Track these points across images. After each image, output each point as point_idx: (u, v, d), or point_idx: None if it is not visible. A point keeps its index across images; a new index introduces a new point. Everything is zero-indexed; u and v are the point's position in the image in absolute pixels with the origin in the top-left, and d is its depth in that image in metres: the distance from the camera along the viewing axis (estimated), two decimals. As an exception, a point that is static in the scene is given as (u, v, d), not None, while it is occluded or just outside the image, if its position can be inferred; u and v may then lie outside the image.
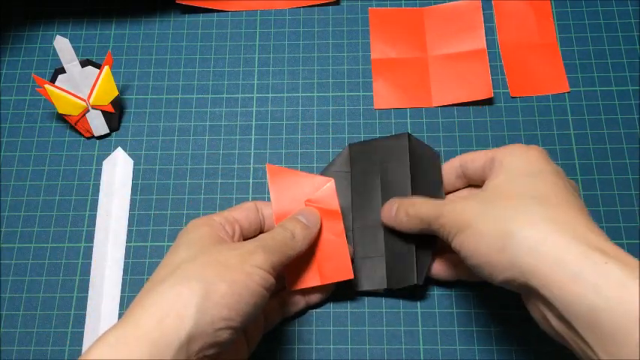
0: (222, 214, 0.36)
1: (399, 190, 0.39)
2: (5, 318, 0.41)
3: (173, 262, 0.31)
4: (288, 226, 0.36)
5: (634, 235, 0.42)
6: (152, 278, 0.31)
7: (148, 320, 0.27)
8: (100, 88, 0.45)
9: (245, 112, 0.46)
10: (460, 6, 0.48)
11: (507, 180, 0.31)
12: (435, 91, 0.46)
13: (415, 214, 0.35)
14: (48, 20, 0.50)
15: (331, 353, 0.39)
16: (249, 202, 0.38)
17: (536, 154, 0.32)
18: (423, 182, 0.39)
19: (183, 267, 0.30)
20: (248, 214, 0.37)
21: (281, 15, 0.49)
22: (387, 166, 0.40)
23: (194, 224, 0.34)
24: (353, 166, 0.41)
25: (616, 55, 0.47)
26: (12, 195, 0.44)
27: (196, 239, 0.33)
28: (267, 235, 0.34)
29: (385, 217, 0.38)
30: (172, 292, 0.28)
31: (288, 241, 0.34)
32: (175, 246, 0.33)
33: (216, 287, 0.29)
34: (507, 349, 0.39)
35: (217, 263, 0.30)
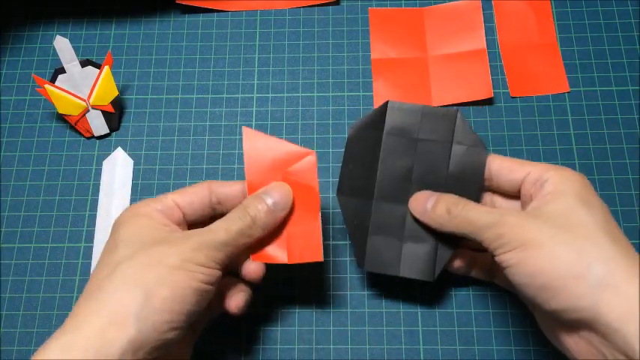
0: (163, 199, 0.34)
1: (433, 172, 0.36)
2: (5, 318, 0.41)
3: (111, 261, 0.30)
4: (251, 210, 0.33)
5: (634, 235, 0.42)
6: (94, 276, 0.30)
7: (90, 329, 0.27)
8: (100, 88, 0.45)
9: (245, 112, 0.46)
10: (460, 6, 0.48)
11: (573, 206, 0.30)
12: (435, 91, 0.46)
13: (461, 214, 0.33)
14: (48, 20, 0.50)
15: (331, 353, 0.39)
16: (200, 184, 0.35)
17: (588, 184, 0.32)
18: (461, 173, 0.36)
19: (122, 269, 0.29)
20: (193, 200, 0.34)
21: (281, 15, 0.49)
22: (426, 142, 0.37)
23: (131, 214, 0.33)
24: (387, 127, 0.37)
25: (616, 55, 0.47)
26: (12, 195, 0.44)
27: (135, 234, 0.31)
28: (222, 225, 0.32)
29: (417, 208, 0.36)
30: (112, 298, 0.28)
31: (245, 230, 0.33)
32: (113, 241, 0.31)
33: (157, 292, 0.28)
34: (507, 350, 0.39)
35: (158, 264, 0.29)
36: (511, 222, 0.30)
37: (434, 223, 0.35)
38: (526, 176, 0.33)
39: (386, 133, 0.37)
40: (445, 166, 0.36)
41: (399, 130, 0.37)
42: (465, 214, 0.33)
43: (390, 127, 0.37)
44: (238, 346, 0.40)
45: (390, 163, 0.37)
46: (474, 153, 0.36)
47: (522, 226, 0.30)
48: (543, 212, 0.31)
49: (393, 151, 0.37)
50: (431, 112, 0.37)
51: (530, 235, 0.29)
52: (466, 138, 0.36)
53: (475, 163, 0.36)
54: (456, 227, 0.33)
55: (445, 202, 0.34)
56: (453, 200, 0.34)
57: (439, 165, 0.36)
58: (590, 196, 0.31)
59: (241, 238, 0.33)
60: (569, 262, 0.28)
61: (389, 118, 0.37)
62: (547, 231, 0.29)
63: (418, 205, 0.36)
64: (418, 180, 0.37)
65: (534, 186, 0.33)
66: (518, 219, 0.30)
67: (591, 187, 0.32)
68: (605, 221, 0.30)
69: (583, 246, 0.28)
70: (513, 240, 0.30)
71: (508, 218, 0.31)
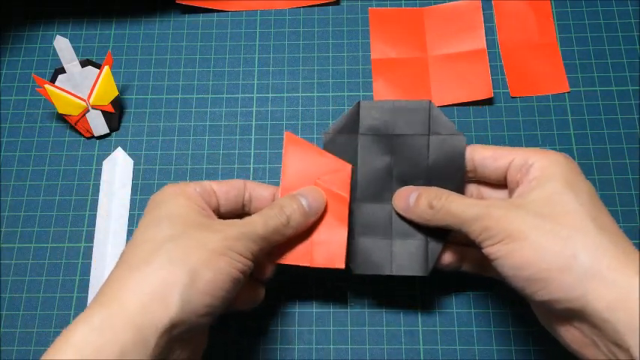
0: (201, 183, 0.34)
1: (414, 166, 0.36)
2: (5, 318, 0.41)
3: (155, 238, 0.30)
4: (287, 209, 0.34)
5: (634, 235, 0.42)
6: (135, 248, 0.30)
7: (132, 304, 0.27)
8: (100, 88, 0.45)
9: (245, 112, 0.46)
10: (460, 6, 0.48)
11: (558, 192, 0.30)
12: (435, 91, 0.46)
13: (444, 207, 0.32)
14: (48, 20, 0.50)
15: (331, 353, 0.39)
16: (237, 181, 0.36)
17: (575, 166, 0.31)
18: (442, 165, 0.35)
19: (167, 248, 0.29)
20: (229, 191, 0.35)
21: (281, 15, 0.49)
22: (402, 136, 0.36)
23: (171, 192, 0.33)
24: (362, 128, 0.37)
25: (616, 55, 0.47)
26: (12, 195, 0.44)
27: (178, 214, 0.31)
28: (260, 220, 0.33)
29: (400, 204, 0.35)
30: (157, 276, 0.28)
31: (280, 228, 0.33)
32: (155, 217, 0.32)
33: (201, 275, 0.29)
34: (507, 350, 0.39)
35: (201, 247, 0.30)
36: (496, 214, 0.30)
37: (418, 218, 0.34)
38: (511, 162, 0.33)
39: (361, 134, 0.37)
40: (425, 159, 0.36)
41: (374, 129, 0.37)
42: (447, 208, 0.32)
43: (364, 127, 0.37)
44: (238, 346, 0.40)
45: (368, 163, 0.37)
46: (452, 141, 0.35)
47: (507, 217, 0.30)
48: (528, 200, 0.30)
49: (371, 151, 0.37)
50: (403, 107, 0.36)
51: (515, 227, 0.29)
52: (442, 127, 0.36)
53: (455, 151, 0.35)
54: (441, 221, 0.33)
55: (427, 196, 0.34)
56: (435, 194, 0.33)
57: (419, 158, 0.36)
58: (576, 180, 0.30)
59: (275, 234, 0.33)
60: (554, 253, 0.28)
61: (362, 119, 0.37)
62: (531, 221, 0.29)
63: (401, 202, 0.35)
64: (399, 176, 0.36)
65: (520, 172, 0.32)
66: (502, 210, 0.30)
67: (578, 169, 0.31)
68: (592, 207, 0.29)
69: (568, 235, 0.28)
70: (499, 232, 0.30)
71: (492, 210, 0.30)
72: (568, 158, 0.32)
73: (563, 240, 0.28)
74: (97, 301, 0.28)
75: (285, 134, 0.37)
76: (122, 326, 0.26)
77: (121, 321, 0.27)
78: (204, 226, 0.31)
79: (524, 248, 0.29)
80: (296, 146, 0.37)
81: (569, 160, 0.32)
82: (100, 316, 0.27)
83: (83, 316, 0.27)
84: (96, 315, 0.27)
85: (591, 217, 0.29)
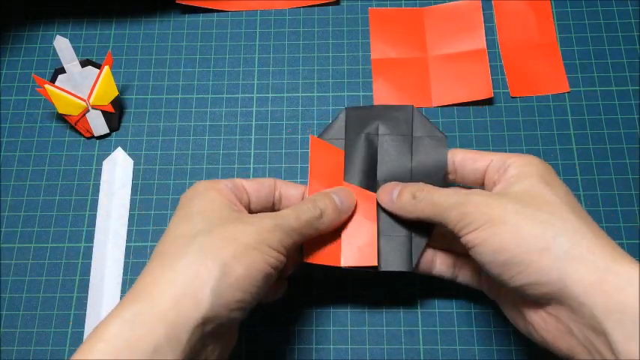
0: (233, 180, 0.35)
1: (397, 167, 0.37)
2: (5, 318, 0.41)
3: (188, 232, 0.30)
4: (320, 203, 0.34)
5: (634, 235, 0.42)
6: (167, 243, 0.30)
7: (164, 299, 0.27)
8: (100, 88, 0.45)
9: (245, 112, 0.46)
10: (460, 6, 0.48)
11: (536, 186, 0.30)
12: (435, 91, 0.46)
13: (426, 198, 0.33)
14: (48, 20, 0.50)
15: (331, 353, 0.39)
16: (267, 179, 0.36)
17: (550, 168, 0.32)
18: (424, 165, 0.37)
19: (199, 241, 0.29)
20: (260, 189, 0.35)
21: (281, 15, 0.49)
22: (386, 139, 0.38)
23: (203, 187, 0.33)
24: (347, 133, 0.38)
25: (616, 55, 0.47)
26: (12, 195, 0.44)
27: (210, 209, 0.31)
28: (292, 213, 0.33)
29: (384, 198, 0.36)
30: (189, 271, 0.28)
31: (313, 222, 0.33)
32: (187, 213, 0.31)
33: (233, 269, 0.28)
34: (507, 350, 0.39)
35: (234, 241, 0.29)
36: (475, 200, 0.30)
37: (400, 210, 0.35)
38: (489, 164, 0.34)
39: (347, 137, 0.38)
40: (408, 160, 0.37)
41: (358, 134, 0.38)
42: (429, 198, 0.33)
43: (350, 131, 0.38)
44: (238, 347, 0.40)
45: (354, 165, 0.37)
46: (434, 143, 0.37)
47: (487, 203, 0.30)
48: (508, 192, 0.31)
49: (356, 154, 0.38)
50: (387, 110, 0.38)
51: (495, 212, 0.29)
52: (425, 130, 0.37)
53: (437, 152, 0.37)
54: (422, 212, 0.33)
55: (410, 189, 0.34)
56: (418, 187, 0.34)
57: (402, 160, 0.37)
58: (552, 178, 0.31)
59: (308, 228, 0.33)
60: (534, 235, 0.28)
61: (348, 124, 0.38)
62: (511, 207, 0.29)
63: (385, 196, 0.36)
64: (384, 177, 0.37)
65: (497, 172, 0.33)
66: (482, 197, 0.31)
67: (553, 171, 0.32)
68: (569, 200, 0.30)
69: (548, 220, 0.28)
70: (478, 218, 0.30)
71: (472, 197, 0.31)
72: (543, 161, 0.33)
73: (542, 223, 0.28)
74: (130, 295, 0.28)
75: (310, 137, 0.38)
76: (154, 321, 0.26)
77: (154, 316, 0.26)
78: (237, 219, 0.31)
79: (503, 232, 0.29)
80: (320, 148, 0.38)
81: (544, 162, 0.33)
82: (132, 310, 0.26)
83: (116, 311, 0.27)
84: (128, 309, 0.27)
85: (570, 207, 0.29)
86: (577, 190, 0.43)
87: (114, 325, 0.26)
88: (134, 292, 0.28)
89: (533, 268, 0.28)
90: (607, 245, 0.28)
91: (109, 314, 0.27)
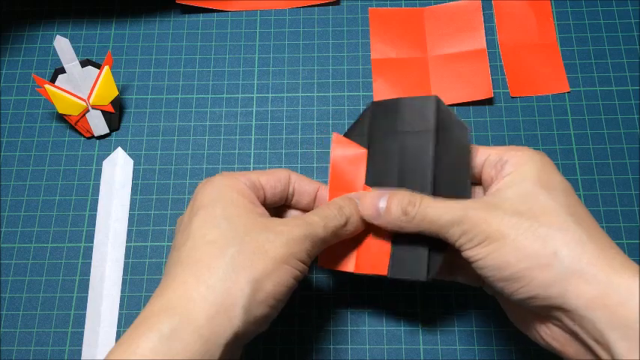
0: (249, 176, 0.33)
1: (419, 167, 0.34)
2: (5, 318, 0.41)
3: (218, 241, 0.29)
4: (346, 210, 0.33)
5: (634, 235, 0.42)
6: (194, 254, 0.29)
7: (199, 315, 0.27)
8: (100, 88, 0.45)
9: (245, 112, 0.46)
10: (460, 6, 0.48)
11: (533, 190, 0.30)
12: (435, 91, 0.46)
13: (419, 214, 0.31)
14: (48, 20, 0.50)
15: (331, 353, 0.39)
16: (281, 171, 0.35)
17: (549, 163, 0.31)
18: (448, 160, 0.34)
19: (231, 254, 0.28)
20: (276, 185, 0.34)
21: (281, 15, 0.49)
22: (409, 135, 0.35)
23: (222, 186, 0.32)
24: (371, 129, 0.36)
25: (616, 55, 0.47)
26: (12, 195, 0.44)
27: (236, 214, 0.30)
28: (321, 221, 0.32)
29: (367, 211, 0.33)
30: (222, 287, 0.28)
31: (339, 229, 0.32)
32: (212, 217, 0.30)
33: (263, 286, 0.28)
34: (507, 350, 0.39)
35: (265, 255, 0.29)
36: (473, 217, 0.29)
37: (391, 225, 0.32)
38: (487, 159, 0.33)
39: (368, 134, 0.36)
40: (431, 155, 0.34)
41: (381, 131, 0.36)
42: (423, 214, 0.31)
43: (373, 128, 0.36)
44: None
45: (377, 166, 0.36)
46: (457, 136, 0.34)
47: (485, 219, 0.29)
48: (504, 198, 0.30)
49: (379, 153, 0.36)
50: (410, 103, 0.35)
51: (494, 229, 0.29)
52: (447, 122, 0.35)
53: (460, 145, 0.34)
54: (417, 227, 0.31)
55: (399, 202, 0.32)
56: (408, 199, 0.32)
57: (425, 154, 0.34)
58: (551, 177, 0.30)
59: (334, 236, 0.32)
60: (534, 251, 0.28)
61: (372, 120, 0.36)
62: (508, 221, 0.29)
63: (369, 209, 0.33)
64: (405, 173, 0.35)
65: (495, 168, 0.32)
66: (480, 213, 0.30)
67: (552, 165, 0.31)
68: (568, 203, 0.29)
69: (547, 233, 0.28)
70: (478, 235, 0.29)
71: (470, 213, 0.30)
72: (542, 155, 0.32)
73: (542, 238, 0.28)
74: (163, 305, 0.27)
75: (333, 135, 0.36)
76: (191, 338, 0.26)
77: (190, 333, 0.26)
78: (265, 227, 0.30)
79: (503, 248, 0.28)
80: (343, 146, 0.36)
81: (543, 156, 0.31)
82: (168, 325, 0.26)
83: (150, 324, 0.26)
84: (164, 323, 0.26)
85: (569, 213, 0.29)
86: (577, 190, 0.43)
87: (151, 341, 0.26)
88: (167, 303, 0.27)
89: (534, 284, 0.28)
90: (608, 254, 0.27)
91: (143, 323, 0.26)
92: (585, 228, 0.28)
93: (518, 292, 0.28)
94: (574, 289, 0.27)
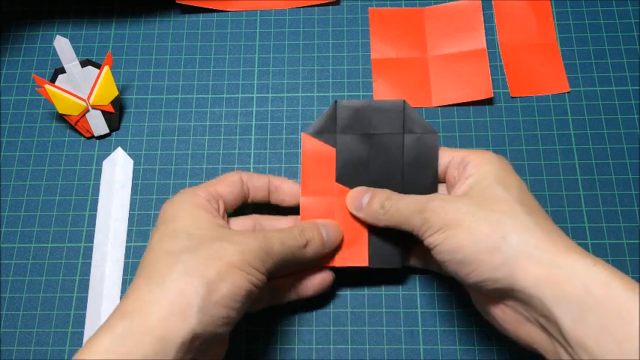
0: (207, 188, 0.35)
1: (388, 165, 0.38)
2: (5, 318, 0.41)
3: (172, 250, 0.31)
4: (307, 233, 0.35)
5: (634, 235, 0.42)
6: (152, 260, 0.31)
7: (153, 316, 0.28)
8: (100, 88, 0.45)
9: (245, 112, 0.46)
10: (460, 6, 0.48)
11: (491, 185, 0.32)
12: (435, 91, 0.46)
13: (393, 207, 0.35)
14: (48, 20, 0.50)
15: (331, 353, 0.39)
16: (233, 175, 0.37)
17: (506, 165, 0.34)
18: (416, 163, 0.37)
19: (184, 260, 0.30)
20: (233, 189, 0.36)
21: (281, 15, 0.49)
22: (378, 137, 0.38)
23: (184, 203, 0.34)
24: (339, 129, 0.38)
25: (616, 55, 0.47)
26: (12, 195, 0.44)
27: (195, 226, 0.32)
28: (278, 237, 0.34)
29: (352, 204, 0.37)
30: (175, 288, 0.29)
31: (296, 250, 0.34)
32: (171, 230, 0.32)
33: (217, 287, 0.29)
34: (507, 349, 0.39)
35: (219, 260, 0.30)
36: (434, 206, 0.32)
37: (370, 218, 0.36)
38: (450, 161, 0.36)
39: (338, 134, 0.38)
40: (400, 156, 0.38)
41: (350, 129, 0.38)
42: (396, 207, 0.34)
43: (341, 127, 0.38)
44: (239, 347, 0.40)
45: (346, 161, 0.38)
46: (425, 139, 0.37)
47: (444, 207, 0.32)
48: (465, 193, 0.33)
49: (348, 149, 0.38)
50: (379, 106, 0.38)
51: (451, 216, 0.31)
52: (416, 126, 0.38)
53: (428, 148, 0.37)
54: (389, 220, 0.35)
55: (379, 198, 0.35)
56: (386, 195, 0.35)
57: (394, 156, 0.38)
58: (507, 175, 0.33)
59: (291, 255, 0.34)
60: (485, 235, 0.30)
61: (339, 119, 0.38)
62: (466, 209, 0.31)
63: (354, 202, 0.37)
64: (376, 173, 0.38)
65: (457, 169, 0.35)
66: (440, 202, 0.32)
67: (510, 166, 0.34)
68: (521, 196, 0.32)
69: (499, 219, 0.30)
70: (437, 222, 0.32)
71: (432, 203, 0.33)
72: (500, 157, 0.34)
73: (493, 224, 0.30)
74: (119, 311, 0.29)
75: (302, 135, 0.38)
76: (144, 337, 0.27)
77: (143, 332, 0.27)
78: (222, 237, 0.32)
79: (459, 234, 0.31)
80: (312, 146, 0.38)
81: (501, 159, 0.34)
82: (122, 325, 0.27)
83: (106, 326, 0.28)
84: (118, 325, 0.28)
85: (520, 203, 0.31)
86: (577, 190, 0.43)
87: (105, 340, 0.27)
88: (123, 309, 0.29)
89: (484, 267, 0.30)
90: (555, 239, 0.29)
91: (100, 329, 0.28)
92: (534, 217, 0.30)
93: (470, 276, 0.31)
94: (522, 271, 0.29)
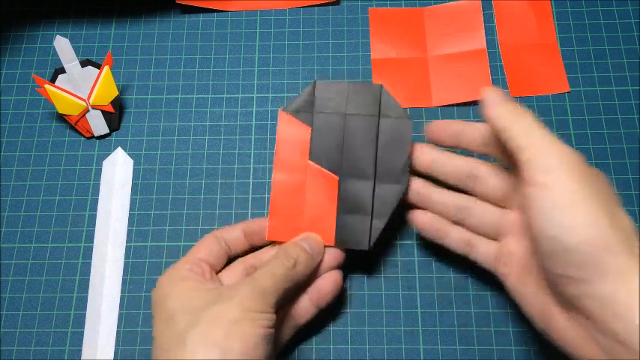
0: (186, 259, 0.35)
1: (363, 148, 0.38)
2: (5, 318, 0.41)
3: (175, 333, 0.30)
4: (292, 253, 0.35)
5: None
6: (162, 350, 0.31)
7: None
8: (100, 88, 0.45)
9: (245, 112, 0.46)
10: (460, 6, 0.48)
11: (577, 175, 0.29)
12: (435, 91, 0.46)
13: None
14: (48, 20, 0.50)
15: (331, 353, 0.39)
16: (207, 237, 0.37)
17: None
18: (389, 147, 0.38)
19: (190, 338, 0.30)
20: (211, 250, 0.36)
21: (281, 15, 0.49)
22: (353, 118, 0.38)
23: (171, 283, 0.34)
24: (316, 109, 0.39)
25: (616, 55, 0.47)
26: (12, 195, 0.44)
27: (186, 304, 0.32)
28: (267, 272, 0.34)
29: (498, 97, 0.33)
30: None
31: (288, 273, 0.34)
32: (166, 314, 0.32)
33: (231, 347, 0.29)
34: (507, 350, 0.39)
35: (221, 321, 0.30)
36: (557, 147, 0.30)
37: (502, 110, 0.32)
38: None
39: (316, 113, 0.39)
40: (374, 139, 0.38)
41: (328, 108, 0.39)
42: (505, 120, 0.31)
43: (319, 106, 0.39)
44: (238, 346, 0.40)
45: (320, 144, 0.39)
46: (400, 124, 0.38)
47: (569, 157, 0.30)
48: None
49: (324, 129, 0.39)
50: (357, 89, 0.39)
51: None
52: (392, 111, 0.38)
53: (402, 133, 0.38)
54: (502, 125, 0.32)
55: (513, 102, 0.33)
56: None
57: (368, 138, 0.38)
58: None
59: (285, 281, 0.34)
60: (600, 205, 0.28)
61: (318, 98, 0.39)
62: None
63: (499, 94, 0.33)
64: (349, 154, 0.38)
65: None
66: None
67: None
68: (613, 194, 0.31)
69: (605, 200, 0.29)
70: (550, 159, 0.29)
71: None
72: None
73: (607, 204, 0.29)
74: None
75: (280, 112, 0.39)
76: None
77: None
78: (215, 298, 0.32)
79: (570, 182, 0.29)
80: (289, 125, 0.39)
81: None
82: None
83: None
84: None
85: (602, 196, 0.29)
86: (577, 190, 0.43)
87: None
88: None
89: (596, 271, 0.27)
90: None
91: None
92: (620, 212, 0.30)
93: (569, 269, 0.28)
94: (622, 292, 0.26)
